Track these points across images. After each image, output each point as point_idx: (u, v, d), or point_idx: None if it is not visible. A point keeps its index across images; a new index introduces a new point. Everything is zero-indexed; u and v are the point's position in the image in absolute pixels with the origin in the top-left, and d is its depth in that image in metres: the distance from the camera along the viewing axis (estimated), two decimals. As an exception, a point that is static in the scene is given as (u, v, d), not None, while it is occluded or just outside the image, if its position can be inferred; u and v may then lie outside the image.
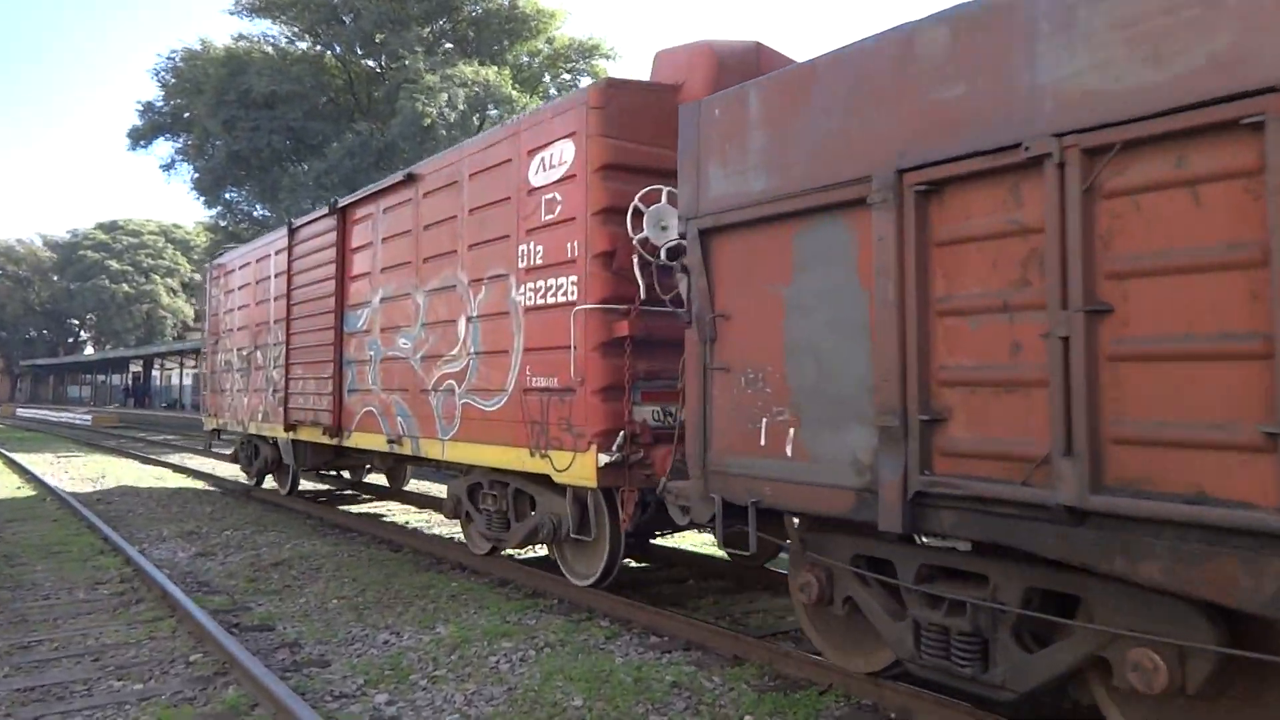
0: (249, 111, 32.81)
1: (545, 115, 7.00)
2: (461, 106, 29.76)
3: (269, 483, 14.23)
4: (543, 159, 6.89)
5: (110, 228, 70.68)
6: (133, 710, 4.85)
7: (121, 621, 6.63)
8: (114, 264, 66.90)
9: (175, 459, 21.13)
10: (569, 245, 6.59)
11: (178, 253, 69.73)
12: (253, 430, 13.28)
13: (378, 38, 33.17)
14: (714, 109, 5.07)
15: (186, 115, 36.87)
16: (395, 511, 12.56)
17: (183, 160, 38.96)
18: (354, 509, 12.43)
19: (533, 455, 6.86)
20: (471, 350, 7.68)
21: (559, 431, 6.57)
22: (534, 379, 6.86)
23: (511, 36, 34.18)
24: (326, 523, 11.34)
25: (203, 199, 38.66)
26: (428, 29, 33.74)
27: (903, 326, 4.00)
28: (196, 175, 37.63)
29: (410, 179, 8.85)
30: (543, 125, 6.96)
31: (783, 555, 7.27)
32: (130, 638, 6.20)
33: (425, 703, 4.91)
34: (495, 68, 32.22)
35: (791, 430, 4.55)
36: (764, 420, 4.71)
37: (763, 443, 4.70)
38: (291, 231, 11.75)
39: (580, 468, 6.38)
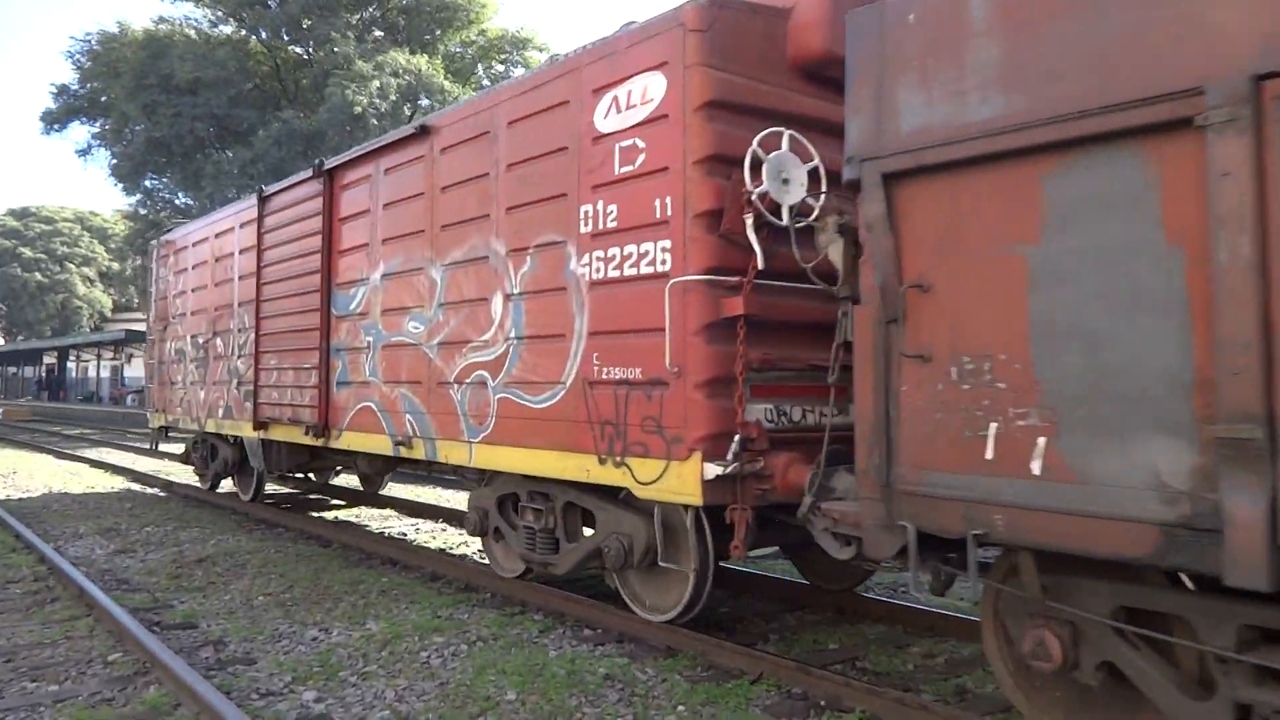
0: (170, 96, 31.19)
1: (619, 44, 5.51)
2: (394, 96, 29.24)
3: (223, 485, 12.30)
4: (615, 98, 5.47)
5: (22, 214, 66.93)
6: (48, 712, 4.55)
7: (35, 621, 6.25)
8: (26, 252, 63.58)
9: (92, 454, 19.81)
10: (658, 203, 5.17)
11: (95, 241, 66.56)
12: (211, 428, 11.21)
13: (305, 23, 31.98)
14: (907, 13, 3.79)
15: (104, 99, 35.31)
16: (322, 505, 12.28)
17: (100, 145, 36.99)
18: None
19: (603, 463, 5.45)
20: (511, 335, 6.20)
21: (643, 434, 5.20)
22: (605, 370, 5.46)
23: (443, 25, 33.34)
24: (252, 518, 10.62)
25: (121, 186, 36.65)
26: (357, 16, 32.96)
27: (1265, 297, 2.77)
28: (115, 161, 35.70)
29: (423, 132, 7.24)
30: (615, 58, 5.50)
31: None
32: (45, 637, 5.84)
33: (355, 699, 4.70)
34: (426, 57, 31.68)
35: (1042, 440, 3.32)
36: (992, 426, 3.46)
37: (990, 455, 3.46)
38: (262, 200, 9.83)
39: (676, 480, 5.00)
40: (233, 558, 8.31)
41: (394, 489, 12.96)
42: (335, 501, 12.17)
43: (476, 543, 9.26)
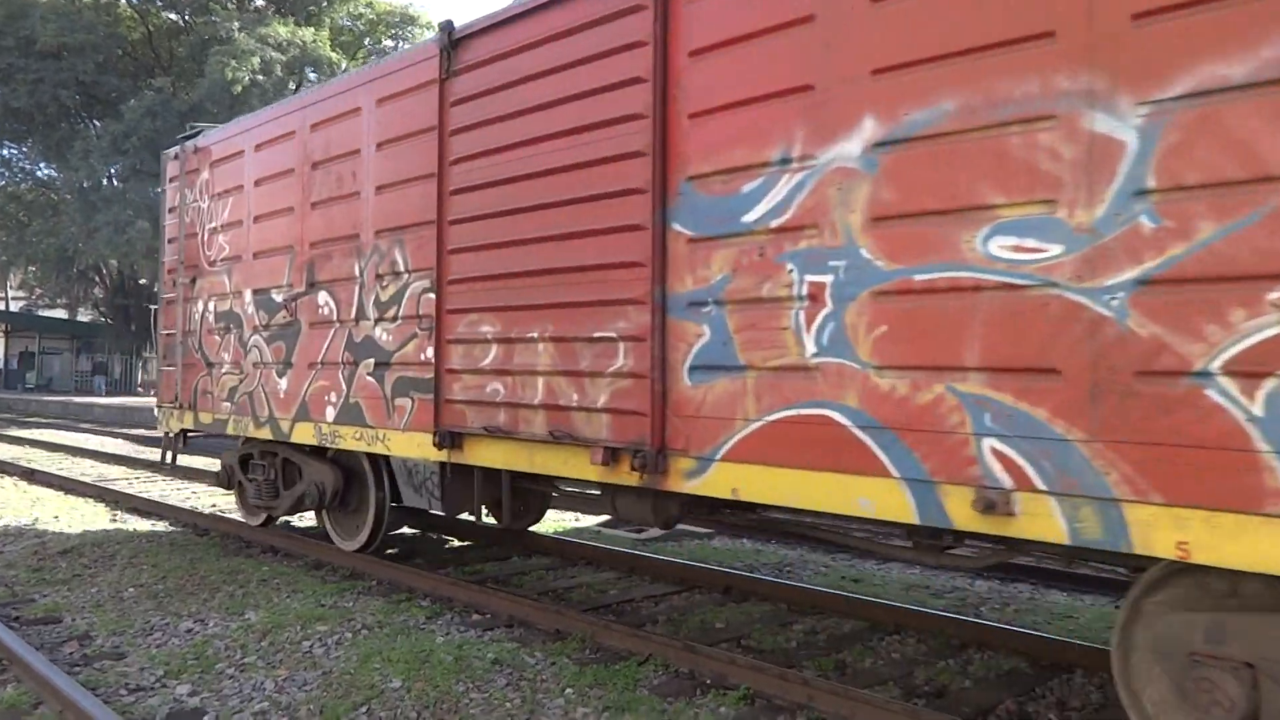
0: (30, 61, 29.59)
1: None
2: (279, 72, 28.18)
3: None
4: None
5: None
6: (-111, 716, 4.26)
7: (-127, 620, 5.82)
8: None
9: (-58, 440, 19.11)
10: None
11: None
12: (302, 438, 6.97)
13: (180, -12, 30.86)
14: None
15: (-46, 60, 33.17)
16: (201, 493, 11.86)
17: (-50, 110, 35.02)
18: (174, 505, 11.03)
19: None
20: None
21: None
22: None
23: (329, -4, 32.66)
24: (122, 506, 10.14)
25: (-25, 154, 34.98)
26: (236, -18, 31.70)
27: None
28: (-34, 128, 33.93)
29: None
30: None
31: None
32: (-116, 637, 5.53)
33: (233, 691, 4.53)
34: (313, 29, 30.68)
35: None
36: None
37: None
38: (455, 43, 5.68)
39: None
40: (101, 548, 7.89)
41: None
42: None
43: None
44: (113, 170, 30.59)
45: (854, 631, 5.52)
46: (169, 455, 9.10)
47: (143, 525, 9.15)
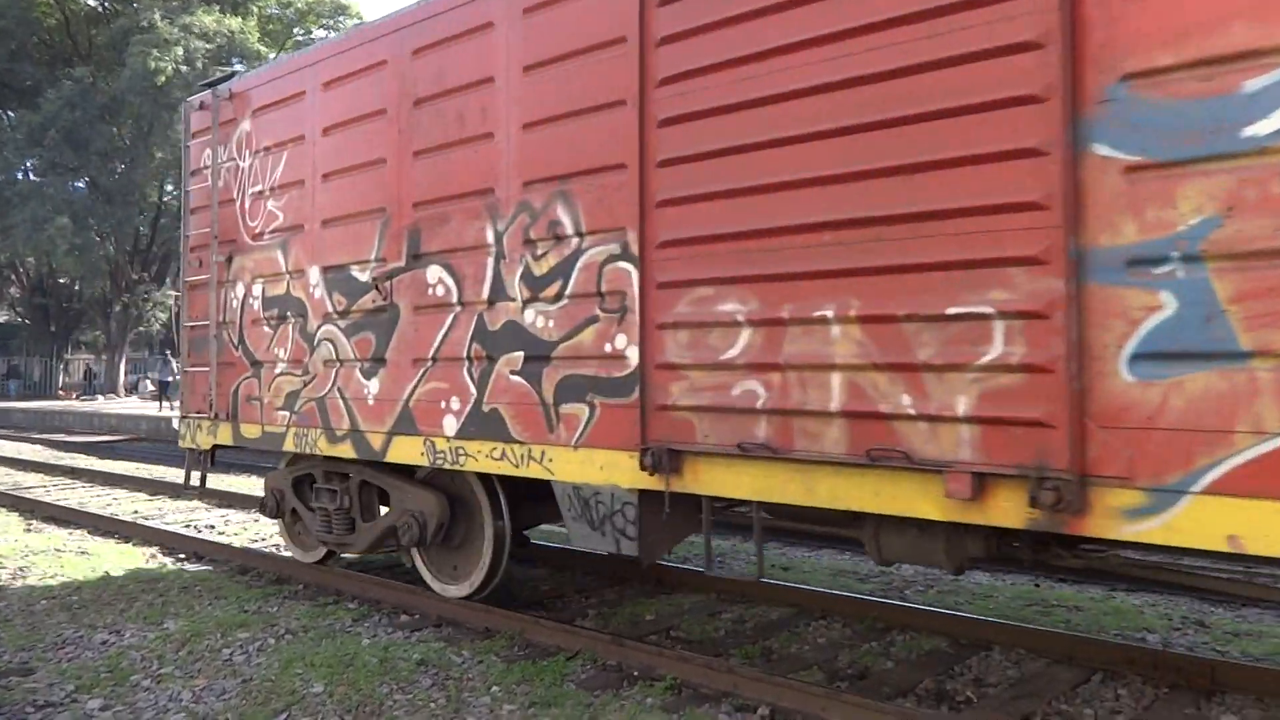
0: (-63, 49, 28.72)
1: None
2: (200, 63, 27.52)
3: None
4: None
5: None
6: None
7: None
8: None
9: None
10: None
11: None
12: (400, 456, 5.53)
13: (98, -26, 29.96)
14: None
15: None
16: (121, 499, 11.52)
17: None
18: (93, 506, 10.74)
19: None
20: None
21: None
22: None
23: (258, -16, 31.96)
24: (38, 514, 9.83)
25: (-120, 147, 33.54)
26: (157, -33, 30.85)
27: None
28: None
29: None
30: None
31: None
32: None
33: (147, 704, 4.41)
34: (240, 19, 30.00)
35: None
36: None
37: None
38: None
39: None
40: (12, 559, 7.66)
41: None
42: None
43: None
44: (29, 164, 29.60)
45: (781, 618, 5.60)
46: (195, 477, 7.54)
47: (58, 533, 8.89)
